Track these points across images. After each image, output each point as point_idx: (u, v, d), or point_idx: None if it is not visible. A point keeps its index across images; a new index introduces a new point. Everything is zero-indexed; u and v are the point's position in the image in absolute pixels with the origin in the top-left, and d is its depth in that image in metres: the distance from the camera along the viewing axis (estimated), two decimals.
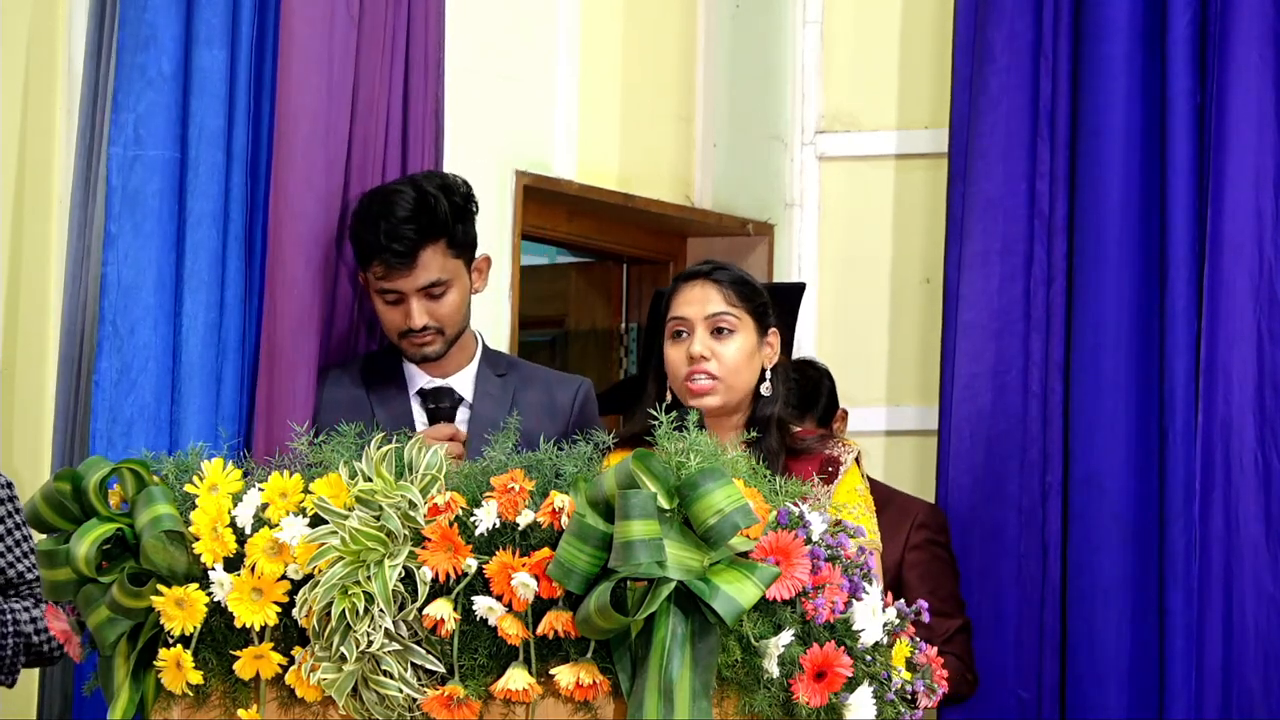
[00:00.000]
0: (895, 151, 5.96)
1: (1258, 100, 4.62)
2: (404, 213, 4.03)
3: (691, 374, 3.83)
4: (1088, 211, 4.69)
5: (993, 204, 4.73)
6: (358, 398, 4.14)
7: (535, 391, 4.18)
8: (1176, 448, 4.58)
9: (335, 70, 4.22)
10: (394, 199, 4.06)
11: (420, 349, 4.11)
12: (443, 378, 4.16)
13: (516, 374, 4.22)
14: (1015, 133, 4.73)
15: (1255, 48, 4.62)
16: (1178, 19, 4.62)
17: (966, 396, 4.71)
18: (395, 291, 4.07)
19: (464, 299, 4.13)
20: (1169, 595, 4.56)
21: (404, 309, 4.08)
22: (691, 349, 3.83)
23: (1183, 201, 4.62)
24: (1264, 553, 4.58)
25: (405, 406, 4.15)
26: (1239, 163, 4.61)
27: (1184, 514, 4.56)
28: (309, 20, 4.17)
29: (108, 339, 4.00)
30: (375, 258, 4.05)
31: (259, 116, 4.17)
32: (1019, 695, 4.67)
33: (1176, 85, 4.63)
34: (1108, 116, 4.68)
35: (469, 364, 4.19)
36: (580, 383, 4.24)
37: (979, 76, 4.75)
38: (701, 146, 6.13)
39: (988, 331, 4.71)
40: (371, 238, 4.04)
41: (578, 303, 6.24)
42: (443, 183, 4.11)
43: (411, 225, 4.03)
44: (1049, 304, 4.72)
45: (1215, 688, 4.56)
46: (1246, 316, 4.61)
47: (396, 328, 4.10)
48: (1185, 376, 4.59)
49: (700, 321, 3.85)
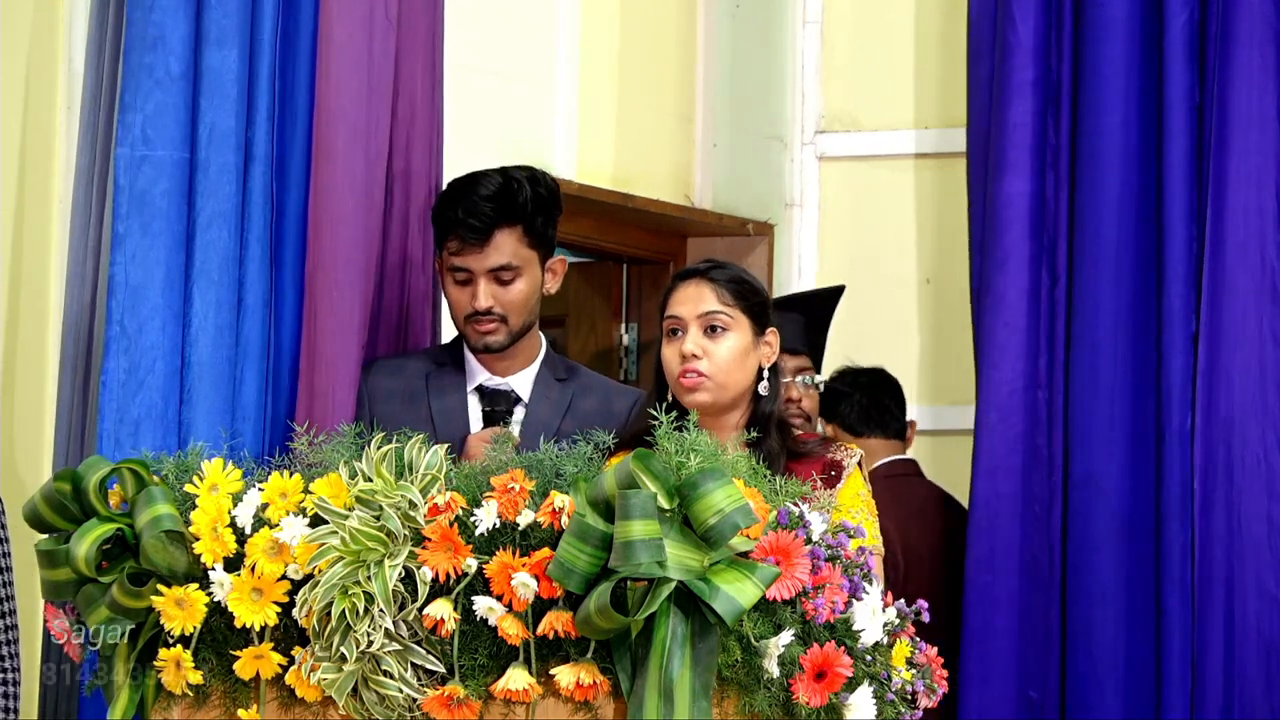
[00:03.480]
0: (895, 151, 5.97)
1: (1259, 100, 4.62)
2: (486, 192, 4.08)
3: (683, 371, 3.83)
4: (1088, 212, 4.69)
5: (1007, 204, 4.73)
6: (416, 388, 4.15)
7: (593, 399, 4.20)
8: (1173, 448, 4.58)
9: (375, 75, 4.24)
10: (480, 179, 4.12)
11: (483, 335, 4.12)
12: (503, 376, 4.18)
13: (576, 380, 4.23)
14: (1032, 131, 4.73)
15: (1256, 48, 4.62)
16: (1175, 19, 4.62)
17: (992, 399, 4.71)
18: (466, 270, 4.10)
19: (533, 291, 4.15)
20: (1166, 596, 4.56)
21: (472, 289, 4.10)
22: (683, 347, 3.84)
23: (1179, 201, 4.62)
24: (1266, 553, 4.58)
25: (461, 400, 4.16)
26: (1240, 163, 4.61)
27: (1180, 514, 4.56)
28: (348, 24, 4.19)
29: (115, 339, 4.00)
30: (451, 232, 4.10)
31: (284, 117, 4.18)
32: (1028, 695, 4.67)
33: (1173, 85, 4.63)
34: (1108, 116, 4.68)
35: (531, 365, 4.20)
36: (639, 394, 4.25)
37: (1000, 75, 4.75)
38: (701, 146, 6.13)
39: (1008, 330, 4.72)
40: (451, 213, 4.10)
41: (578, 303, 6.24)
42: (531, 174, 4.15)
43: (491, 204, 4.07)
44: (1053, 304, 4.73)
45: (1216, 688, 4.56)
46: (1249, 317, 4.60)
47: (463, 309, 4.12)
48: (1181, 376, 4.59)
49: (693, 320, 3.85)
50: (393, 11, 4.29)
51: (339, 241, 4.19)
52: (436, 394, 4.16)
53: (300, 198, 4.20)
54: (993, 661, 4.67)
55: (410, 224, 4.38)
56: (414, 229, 4.38)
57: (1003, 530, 4.68)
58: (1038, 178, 4.73)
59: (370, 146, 4.25)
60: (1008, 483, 4.68)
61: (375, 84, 4.25)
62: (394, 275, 4.38)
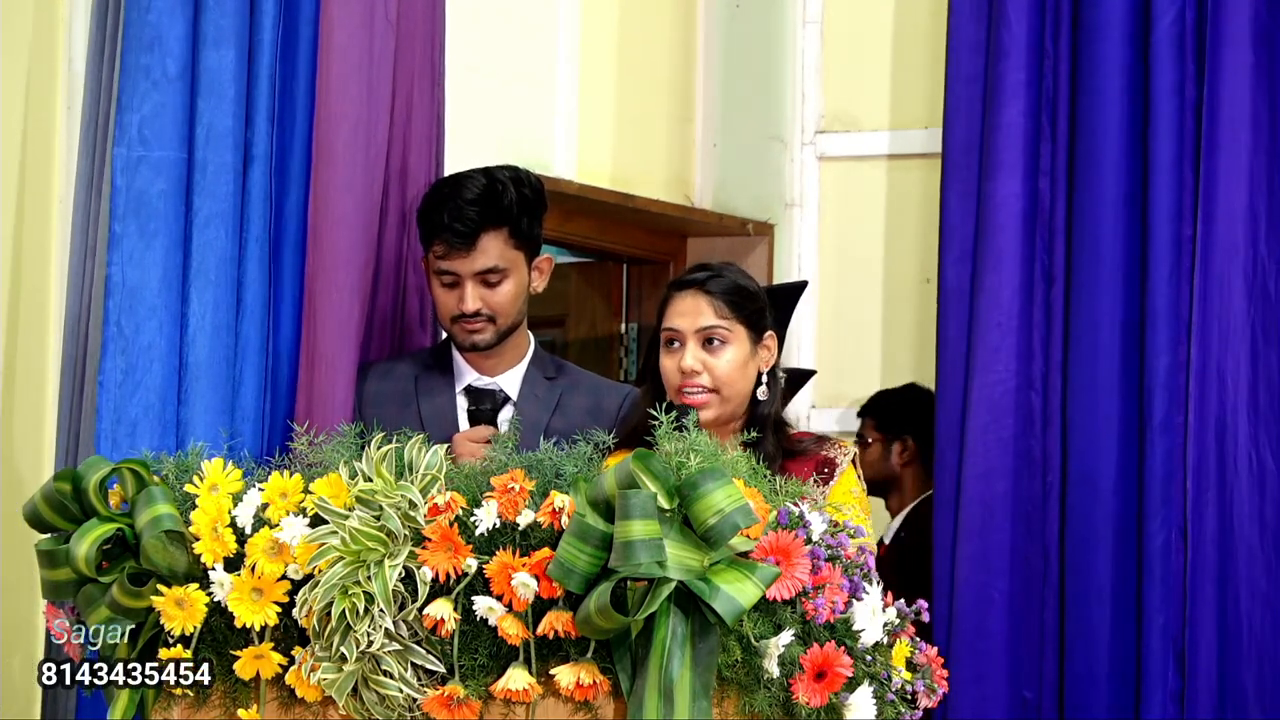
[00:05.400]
0: (895, 151, 5.97)
1: (1251, 98, 4.61)
2: (470, 195, 4.08)
3: (684, 386, 3.83)
4: (1084, 211, 4.69)
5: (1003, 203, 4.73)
6: (406, 391, 4.16)
7: (582, 396, 4.20)
8: (1155, 446, 4.58)
9: (374, 76, 4.24)
10: (464, 182, 4.11)
11: (470, 335, 4.13)
12: (491, 375, 4.18)
13: (565, 378, 4.24)
14: (1025, 131, 4.73)
15: (1248, 46, 4.61)
16: (1161, 17, 4.62)
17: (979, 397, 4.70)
18: (452, 274, 4.10)
19: (519, 292, 4.15)
20: (1147, 594, 4.56)
21: (459, 292, 4.10)
22: (683, 363, 3.84)
23: (1165, 200, 4.61)
24: (1258, 553, 4.57)
25: (450, 401, 4.17)
26: (1231, 162, 4.61)
27: (1162, 513, 4.56)
28: (348, 26, 4.19)
29: (112, 339, 4.00)
30: (437, 237, 4.10)
31: (284, 118, 4.18)
32: (1023, 695, 4.67)
33: (1160, 83, 4.63)
34: (1102, 115, 4.68)
35: (519, 364, 4.21)
36: (629, 391, 4.25)
37: (993, 74, 4.74)
38: (701, 146, 6.14)
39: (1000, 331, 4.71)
40: (436, 217, 4.09)
41: (578, 303, 6.25)
42: (515, 174, 4.15)
43: (476, 208, 4.07)
44: (1049, 304, 4.72)
45: (1209, 688, 4.56)
46: (1240, 316, 4.60)
47: (449, 311, 4.13)
48: (1166, 375, 4.58)
49: (692, 334, 3.85)
50: (392, 13, 4.30)
51: (338, 242, 4.19)
52: (426, 395, 4.16)
53: (299, 198, 4.21)
54: (985, 662, 4.67)
55: (408, 223, 4.39)
56: (412, 229, 4.39)
57: (995, 531, 4.68)
58: (1030, 179, 4.73)
59: (370, 148, 4.25)
60: (1001, 483, 4.68)
61: (375, 85, 4.26)
62: (391, 275, 4.39)
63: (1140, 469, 4.60)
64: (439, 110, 4.51)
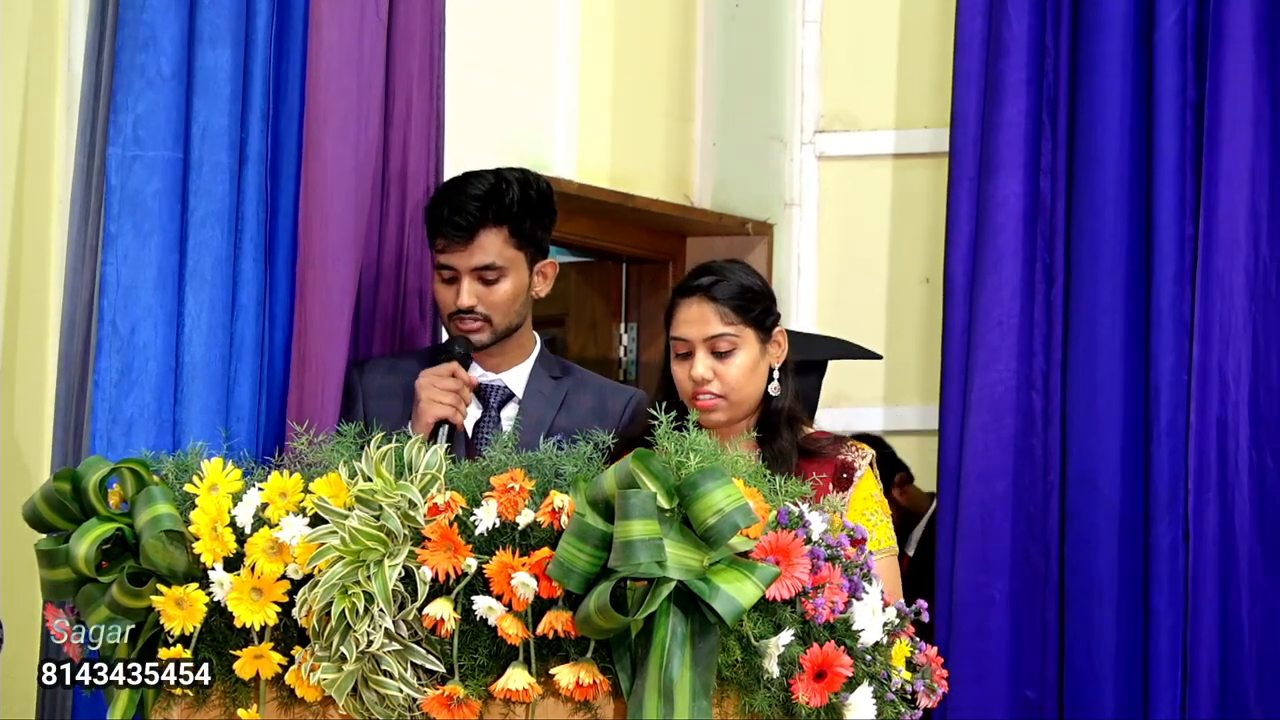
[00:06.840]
0: (894, 151, 5.97)
1: (1253, 97, 4.62)
2: (474, 191, 4.10)
3: (697, 393, 3.84)
4: (1085, 210, 4.69)
5: (1003, 202, 4.73)
6: (410, 386, 4.16)
7: (587, 396, 4.21)
8: (1161, 446, 4.58)
9: (365, 73, 4.24)
10: (471, 179, 4.13)
11: (465, 333, 4.13)
12: (496, 373, 4.18)
13: (570, 378, 4.24)
14: (1026, 131, 4.73)
15: (1250, 45, 4.61)
16: (1165, 16, 4.62)
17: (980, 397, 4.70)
18: (451, 268, 4.11)
19: (518, 293, 4.15)
20: (1154, 595, 4.56)
21: (456, 288, 4.11)
22: (694, 372, 3.84)
23: (1167, 199, 4.61)
24: (1259, 553, 4.58)
25: None
26: (1233, 161, 4.61)
27: (1169, 513, 4.56)
28: (338, 23, 4.19)
29: (107, 339, 4.00)
30: (438, 230, 4.12)
31: (278, 117, 4.18)
32: (1024, 695, 4.67)
33: (1164, 83, 4.63)
34: (1103, 114, 4.68)
35: (524, 362, 4.21)
36: (634, 393, 4.26)
37: (993, 72, 4.74)
38: (700, 146, 6.14)
39: (1000, 331, 4.71)
40: (438, 211, 4.12)
41: (577, 302, 6.25)
42: (524, 176, 4.16)
43: (477, 203, 4.08)
44: (1050, 303, 4.72)
45: (1210, 687, 4.56)
46: (1242, 316, 4.60)
47: (447, 306, 4.14)
48: (1171, 375, 4.58)
49: (700, 343, 3.85)
50: (383, 10, 4.29)
51: (329, 241, 4.19)
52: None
53: (294, 197, 4.20)
54: (986, 662, 4.67)
55: (408, 223, 4.39)
56: (412, 229, 4.39)
57: (995, 530, 4.68)
58: (1032, 178, 4.73)
59: (360, 146, 4.24)
60: (1000, 483, 4.68)
61: (365, 83, 4.25)
62: (391, 274, 4.39)
63: (1146, 470, 4.60)
64: (438, 110, 4.51)
